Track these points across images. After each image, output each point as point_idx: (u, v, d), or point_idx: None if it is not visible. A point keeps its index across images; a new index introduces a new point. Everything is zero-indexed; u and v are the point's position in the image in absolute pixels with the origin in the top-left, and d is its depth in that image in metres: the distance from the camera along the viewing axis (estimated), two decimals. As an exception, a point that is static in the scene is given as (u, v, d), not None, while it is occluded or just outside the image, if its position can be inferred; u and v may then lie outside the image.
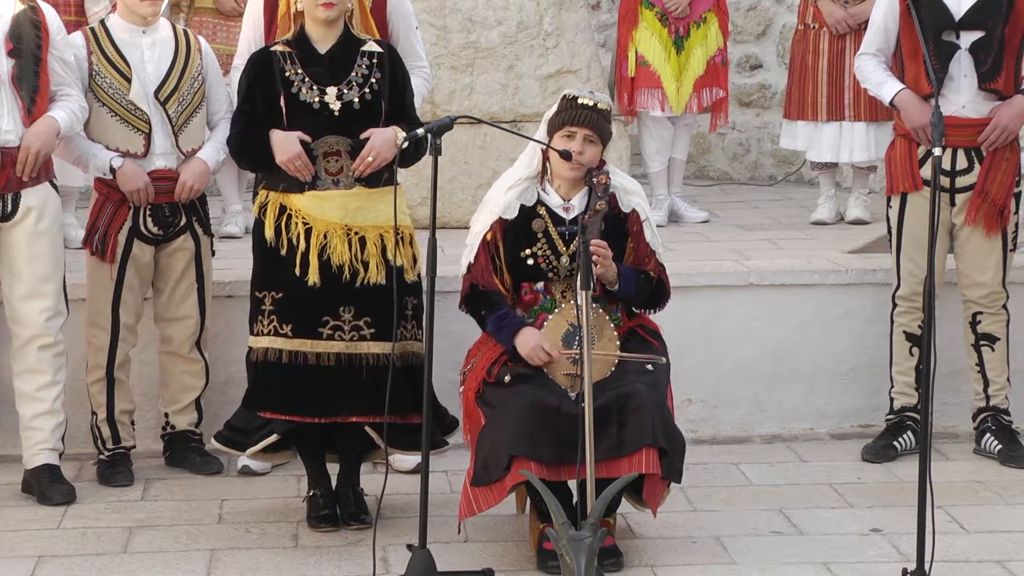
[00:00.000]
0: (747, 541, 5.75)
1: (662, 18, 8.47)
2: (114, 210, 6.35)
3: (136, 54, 6.35)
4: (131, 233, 6.36)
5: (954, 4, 6.48)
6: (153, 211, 6.37)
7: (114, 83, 6.30)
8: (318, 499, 5.93)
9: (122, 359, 6.44)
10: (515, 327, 5.58)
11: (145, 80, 6.33)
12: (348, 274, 5.75)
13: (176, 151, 6.36)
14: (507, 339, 5.58)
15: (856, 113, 8.37)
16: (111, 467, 6.46)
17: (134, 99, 6.30)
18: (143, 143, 6.32)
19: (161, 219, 6.39)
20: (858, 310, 7.15)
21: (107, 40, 6.35)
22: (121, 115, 6.31)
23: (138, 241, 6.37)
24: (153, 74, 6.35)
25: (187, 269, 6.47)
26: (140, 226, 6.36)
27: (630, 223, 5.72)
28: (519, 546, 5.69)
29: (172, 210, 6.40)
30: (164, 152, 6.35)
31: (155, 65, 6.36)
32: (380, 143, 5.78)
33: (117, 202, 6.34)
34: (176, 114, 6.34)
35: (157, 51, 6.37)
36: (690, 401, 7.06)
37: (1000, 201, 6.55)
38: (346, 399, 5.75)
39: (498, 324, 5.61)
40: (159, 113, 6.33)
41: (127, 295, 6.38)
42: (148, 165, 6.33)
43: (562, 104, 5.65)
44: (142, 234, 6.37)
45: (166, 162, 6.36)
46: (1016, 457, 6.62)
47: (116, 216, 6.34)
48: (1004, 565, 5.51)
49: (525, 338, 5.55)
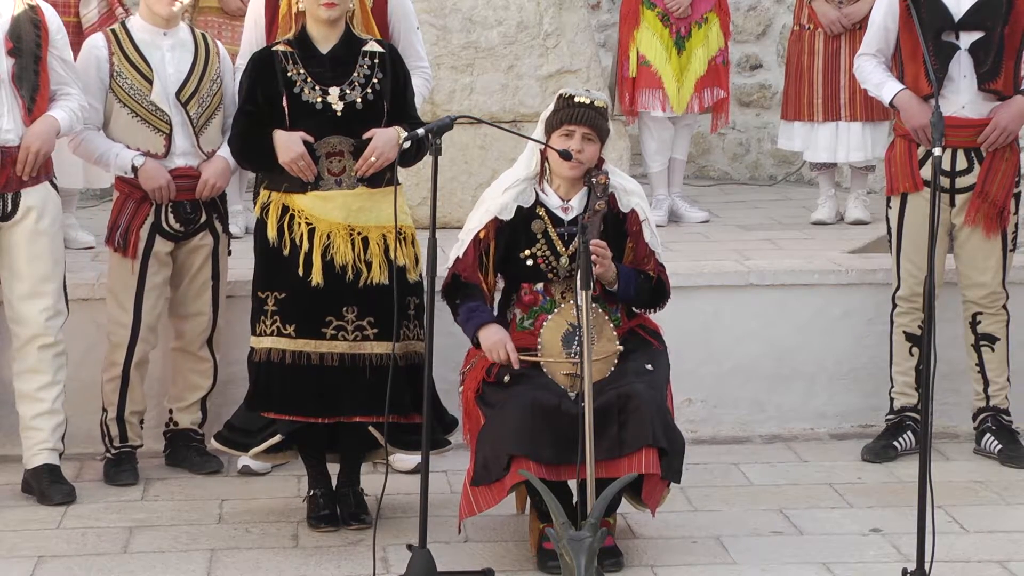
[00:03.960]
0: (747, 541, 5.75)
1: (663, 18, 8.48)
2: (136, 207, 6.36)
3: (157, 55, 6.36)
4: (153, 229, 6.37)
5: (954, 4, 6.49)
6: (175, 208, 6.38)
7: (135, 84, 6.31)
8: (318, 499, 5.93)
9: (140, 358, 6.44)
10: (483, 320, 5.58)
11: (166, 81, 6.34)
12: (351, 274, 5.76)
13: (197, 151, 6.38)
14: (472, 330, 5.58)
15: (852, 113, 8.38)
16: (116, 465, 6.47)
17: (155, 100, 6.31)
18: (164, 144, 6.33)
19: (183, 216, 6.40)
20: (858, 310, 7.15)
21: (128, 42, 6.36)
22: (142, 116, 6.32)
23: (160, 237, 6.38)
24: (174, 75, 6.36)
25: (204, 266, 6.50)
26: (162, 222, 6.38)
27: (629, 223, 5.72)
28: (519, 546, 5.69)
29: (193, 207, 6.42)
30: (184, 152, 6.37)
31: (176, 67, 6.37)
32: (382, 143, 5.78)
33: (139, 200, 6.36)
34: (197, 115, 6.36)
35: (178, 53, 6.39)
36: (690, 401, 7.06)
37: (1000, 202, 6.55)
38: (349, 399, 5.75)
39: (468, 315, 5.62)
40: (180, 114, 6.34)
41: (149, 293, 6.39)
42: (169, 164, 6.35)
43: (559, 103, 5.65)
44: (164, 230, 6.39)
45: (187, 161, 6.37)
46: (1016, 457, 6.62)
47: (138, 213, 6.36)
48: (1004, 565, 5.51)
49: (490, 332, 5.55)
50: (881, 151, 8.33)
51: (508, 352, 5.51)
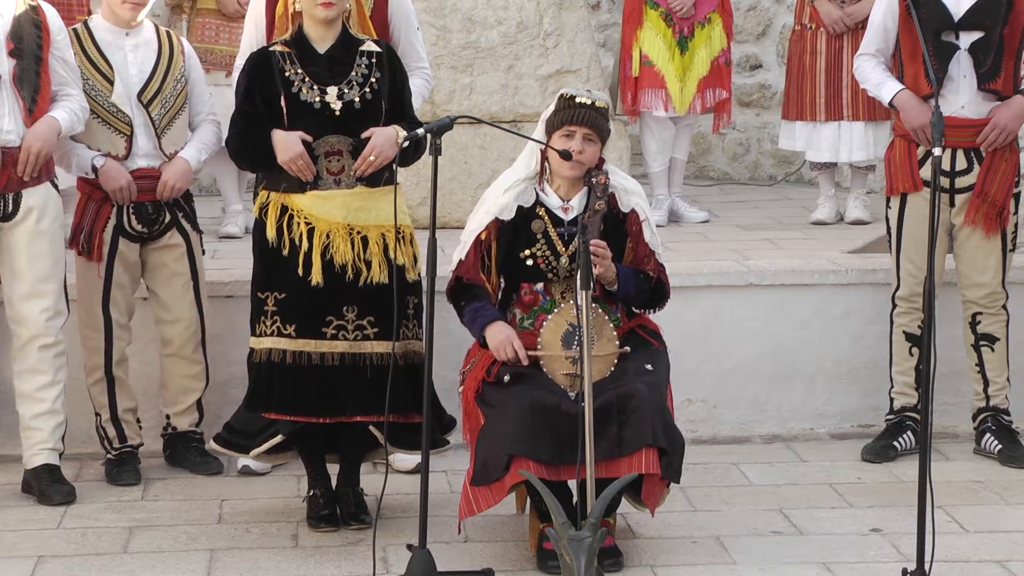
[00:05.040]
0: (747, 541, 5.75)
1: (666, 18, 8.47)
2: (97, 208, 6.36)
3: (119, 56, 6.35)
4: (116, 231, 6.36)
5: (953, 4, 6.49)
6: (136, 209, 6.37)
7: (96, 85, 6.29)
8: (318, 499, 5.93)
9: (119, 357, 6.44)
10: (489, 319, 5.58)
11: (128, 82, 6.32)
12: (351, 274, 5.76)
13: (159, 152, 6.37)
14: (478, 329, 5.58)
15: (854, 113, 8.38)
16: (119, 466, 6.47)
17: (116, 101, 6.30)
18: (124, 145, 6.32)
19: (145, 217, 6.39)
20: (858, 310, 7.15)
21: (90, 41, 6.35)
22: (103, 117, 6.30)
23: (123, 239, 6.37)
24: (136, 76, 6.34)
25: (179, 267, 6.47)
26: (124, 224, 6.37)
27: (629, 223, 5.72)
28: (519, 546, 5.69)
29: (156, 208, 6.41)
30: (146, 154, 6.36)
31: (138, 67, 6.36)
32: (381, 142, 5.78)
33: (100, 201, 6.35)
34: (159, 116, 6.35)
35: (140, 53, 6.37)
36: (690, 401, 7.07)
37: (999, 202, 6.55)
38: (350, 399, 5.75)
39: (473, 314, 5.62)
40: (142, 115, 6.33)
41: (116, 293, 6.38)
42: (130, 165, 6.34)
43: (560, 103, 5.64)
44: (127, 232, 6.38)
45: (148, 162, 6.36)
46: (1016, 457, 6.62)
47: (100, 214, 6.35)
48: (1004, 565, 5.51)
49: (496, 330, 5.55)
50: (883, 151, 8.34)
51: (516, 349, 5.51)
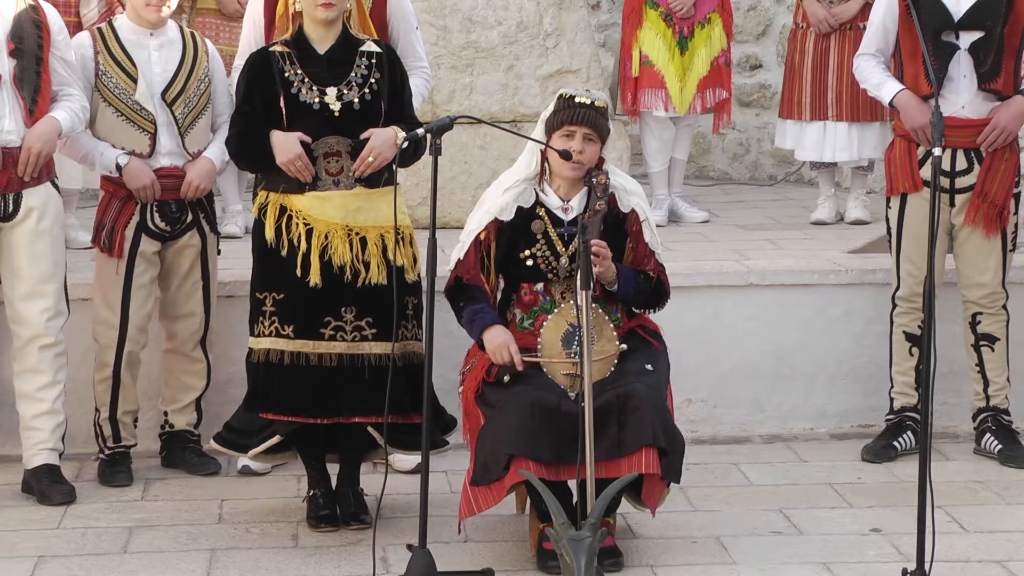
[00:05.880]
0: (747, 541, 5.75)
1: (666, 18, 8.47)
2: (121, 206, 6.36)
3: (143, 55, 6.36)
4: (138, 228, 6.37)
5: (953, 4, 6.49)
6: (160, 207, 6.38)
7: (120, 83, 6.31)
8: (318, 499, 5.93)
9: (130, 359, 6.43)
10: (488, 322, 5.58)
11: (152, 81, 6.33)
12: (350, 274, 5.76)
13: (182, 151, 6.37)
14: (477, 331, 5.58)
15: (839, 113, 8.37)
16: (111, 466, 6.46)
17: (140, 100, 6.31)
18: (148, 143, 6.33)
19: (168, 215, 6.40)
20: (858, 310, 7.15)
21: (114, 40, 6.36)
22: (127, 115, 6.32)
23: (146, 237, 6.38)
24: (160, 75, 6.36)
25: (193, 266, 6.49)
26: (148, 222, 6.37)
27: (629, 223, 5.72)
28: (519, 546, 5.69)
29: (179, 207, 6.42)
30: (170, 152, 6.36)
31: (162, 66, 6.37)
32: (380, 143, 5.78)
33: (123, 199, 6.36)
34: (183, 115, 6.35)
35: (165, 52, 6.38)
36: (690, 401, 7.06)
37: (999, 202, 6.55)
38: (348, 399, 5.75)
39: (472, 316, 5.62)
40: (165, 114, 6.34)
41: (136, 292, 6.38)
42: (154, 163, 6.35)
43: (559, 103, 5.64)
44: (150, 229, 6.38)
45: (172, 161, 6.37)
46: (1016, 457, 6.62)
47: (123, 212, 6.36)
48: (1004, 565, 5.51)
49: (494, 334, 5.54)
50: (869, 152, 8.38)
51: (512, 354, 5.51)
